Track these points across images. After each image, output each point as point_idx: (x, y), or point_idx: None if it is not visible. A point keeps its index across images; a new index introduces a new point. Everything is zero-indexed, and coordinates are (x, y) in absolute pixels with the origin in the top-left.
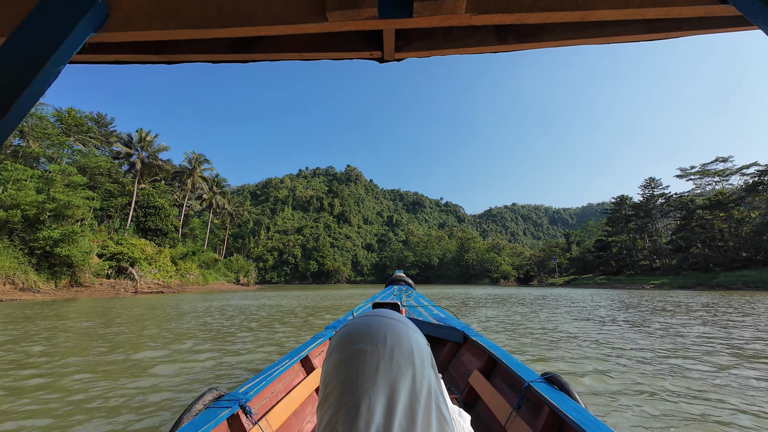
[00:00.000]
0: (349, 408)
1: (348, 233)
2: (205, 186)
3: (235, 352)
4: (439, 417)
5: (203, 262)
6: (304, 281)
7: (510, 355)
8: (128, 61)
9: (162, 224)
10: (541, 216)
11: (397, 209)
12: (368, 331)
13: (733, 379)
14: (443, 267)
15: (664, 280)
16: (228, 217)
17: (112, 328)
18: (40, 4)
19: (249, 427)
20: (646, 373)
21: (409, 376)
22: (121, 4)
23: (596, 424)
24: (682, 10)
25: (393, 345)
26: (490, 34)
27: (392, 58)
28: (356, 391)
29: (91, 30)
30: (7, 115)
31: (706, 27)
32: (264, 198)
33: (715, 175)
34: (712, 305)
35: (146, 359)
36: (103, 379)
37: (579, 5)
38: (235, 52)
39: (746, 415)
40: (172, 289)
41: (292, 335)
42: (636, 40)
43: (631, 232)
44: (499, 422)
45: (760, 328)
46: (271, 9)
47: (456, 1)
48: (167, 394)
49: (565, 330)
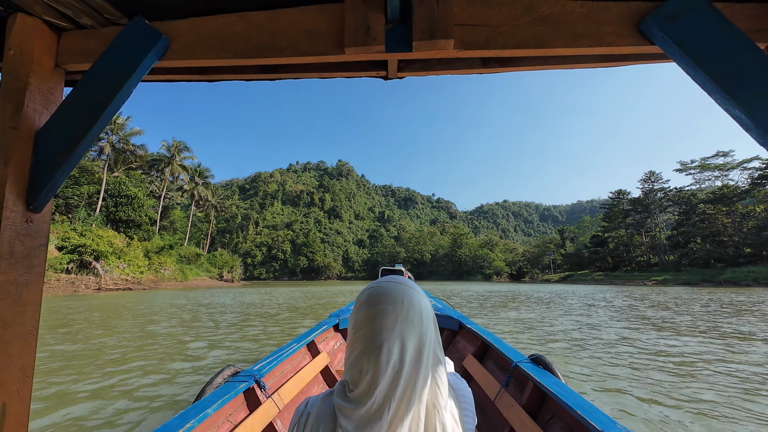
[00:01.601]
0: (373, 349)
1: (339, 228)
2: (185, 176)
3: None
4: (436, 358)
5: (184, 257)
6: (294, 277)
7: (501, 340)
8: (177, 80)
9: (135, 215)
10: (531, 213)
11: (389, 205)
12: (390, 293)
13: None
14: (435, 263)
15: (666, 276)
16: (212, 209)
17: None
18: (118, 38)
19: (263, 400)
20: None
21: (419, 329)
22: (179, 38)
23: (572, 395)
24: (622, 48)
25: (408, 306)
26: (476, 60)
27: (395, 76)
28: (379, 337)
29: (156, 58)
30: (96, 126)
31: (643, 60)
32: (253, 192)
33: (716, 169)
34: (752, 304)
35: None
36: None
37: (541, 44)
38: (266, 72)
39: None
40: (144, 286)
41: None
42: (592, 67)
43: (628, 227)
44: (489, 398)
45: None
46: (300, 45)
47: (446, 41)
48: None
49: (685, 351)
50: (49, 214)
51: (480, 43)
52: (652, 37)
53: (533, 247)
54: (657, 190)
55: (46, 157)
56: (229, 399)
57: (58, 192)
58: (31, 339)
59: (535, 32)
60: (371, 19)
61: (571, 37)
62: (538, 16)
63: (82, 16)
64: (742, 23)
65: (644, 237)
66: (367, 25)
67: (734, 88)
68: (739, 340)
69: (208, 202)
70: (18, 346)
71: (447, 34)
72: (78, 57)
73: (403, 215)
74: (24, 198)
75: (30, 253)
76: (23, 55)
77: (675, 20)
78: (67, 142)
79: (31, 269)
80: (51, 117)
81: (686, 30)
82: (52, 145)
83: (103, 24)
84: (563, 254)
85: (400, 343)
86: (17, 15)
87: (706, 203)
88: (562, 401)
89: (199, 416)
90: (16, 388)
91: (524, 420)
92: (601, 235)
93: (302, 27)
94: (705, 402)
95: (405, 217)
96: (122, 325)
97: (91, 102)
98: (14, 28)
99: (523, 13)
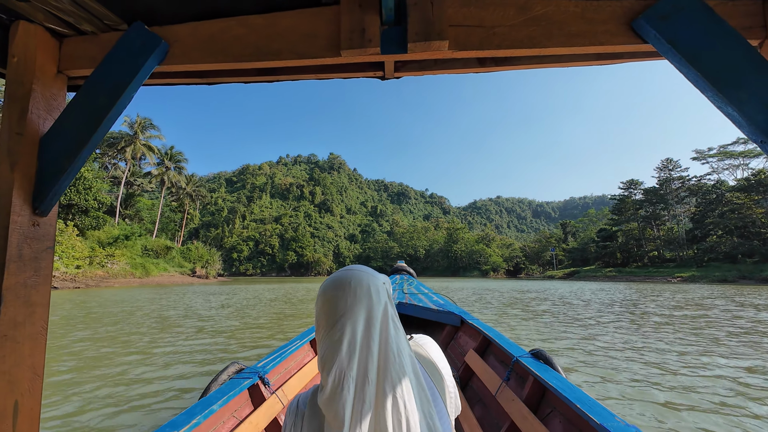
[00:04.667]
0: (333, 328)
1: (330, 223)
2: (151, 158)
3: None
4: (392, 327)
5: (151, 250)
6: (282, 273)
7: (502, 335)
8: (176, 84)
9: (79, 198)
10: (524, 209)
11: (381, 199)
12: (339, 281)
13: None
14: (430, 259)
15: (694, 273)
16: (187, 198)
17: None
18: (119, 43)
19: (268, 396)
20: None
21: (367, 305)
22: (178, 43)
23: (572, 389)
24: (616, 47)
25: (355, 287)
26: (472, 60)
27: (392, 76)
28: (335, 318)
29: (156, 63)
30: (98, 130)
31: (636, 57)
32: (240, 185)
33: (740, 156)
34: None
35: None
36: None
37: (535, 44)
38: (263, 75)
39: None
40: (78, 283)
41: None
42: (586, 65)
43: (641, 220)
44: (490, 393)
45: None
46: (297, 48)
47: (441, 42)
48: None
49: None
50: (55, 217)
51: (474, 44)
52: (645, 35)
53: (533, 242)
54: (675, 179)
55: (51, 162)
56: (234, 395)
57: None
58: (41, 339)
59: (529, 32)
60: (367, 21)
61: (564, 36)
62: (532, 16)
63: (82, 22)
64: (734, 21)
65: (658, 230)
66: (363, 27)
67: (726, 85)
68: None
69: (182, 189)
70: (29, 345)
71: (441, 36)
72: (80, 63)
73: (396, 210)
74: (30, 202)
75: (38, 256)
76: (26, 62)
77: (667, 18)
78: (71, 146)
79: (39, 271)
80: (55, 122)
81: (678, 28)
82: (57, 150)
83: (104, 30)
84: (565, 249)
85: (352, 321)
86: (20, 23)
87: (736, 192)
88: (562, 395)
89: (204, 412)
90: (27, 387)
91: (525, 414)
92: (610, 229)
93: (299, 30)
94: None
95: (398, 212)
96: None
97: (94, 107)
98: (17, 36)
99: (516, 14)
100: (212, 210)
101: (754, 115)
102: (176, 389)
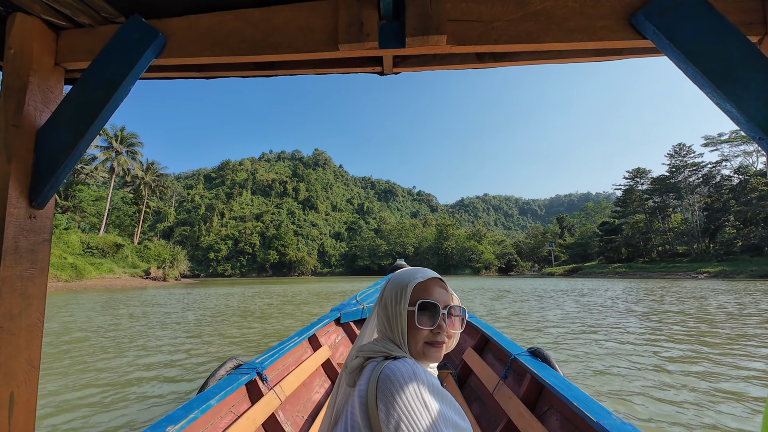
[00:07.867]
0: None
1: (314, 220)
2: (95, 139)
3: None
4: (375, 318)
5: (94, 248)
6: (263, 273)
7: (500, 333)
8: (174, 77)
9: None
10: (511, 206)
11: (368, 197)
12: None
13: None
14: (419, 257)
15: (724, 267)
16: (146, 189)
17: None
18: (116, 36)
19: (265, 392)
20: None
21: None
22: (176, 36)
23: (569, 387)
24: (614, 43)
25: (384, 286)
26: (471, 56)
27: (391, 72)
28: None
29: (154, 56)
30: (95, 123)
31: (635, 54)
32: (220, 181)
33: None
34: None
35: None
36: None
37: (533, 39)
38: (261, 69)
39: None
40: None
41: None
42: (585, 61)
43: (648, 212)
44: (487, 390)
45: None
46: (294, 42)
47: (439, 37)
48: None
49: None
50: (52, 210)
51: (473, 39)
52: (644, 31)
53: (528, 238)
54: (689, 165)
55: (48, 155)
56: (232, 391)
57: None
58: (37, 331)
59: (527, 27)
60: (365, 15)
61: (563, 32)
62: (531, 11)
63: (80, 15)
64: (734, 17)
65: (667, 223)
66: (361, 21)
67: (725, 82)
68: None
69: (139, 179)
70: (25, 337)
71: (440, 30)
72: (77, 55)
73: (384, 207)
74: (27, 195)
75: (34, 248)
76: (23, 54)
77: (666, 14)
78: (67, 139)
79: (35, 264)
80: (52, 115)
81: (677, 24)
82: (54, 143)
83: (101, 23)
84: (563, 245)
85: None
86: (17, 14)
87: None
88: (559, 393)
89: (202, 407)
90: (23, 379)
91: (522, 411)
92: (613, 222)
93: (296, 24)
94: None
95: (385, 210)
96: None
97: (91, 99)
98: (14, 28)
99: (515, 9)
100: (188, 207)
101: (752, 112)
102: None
